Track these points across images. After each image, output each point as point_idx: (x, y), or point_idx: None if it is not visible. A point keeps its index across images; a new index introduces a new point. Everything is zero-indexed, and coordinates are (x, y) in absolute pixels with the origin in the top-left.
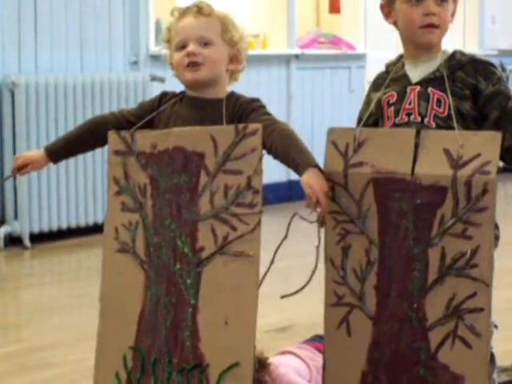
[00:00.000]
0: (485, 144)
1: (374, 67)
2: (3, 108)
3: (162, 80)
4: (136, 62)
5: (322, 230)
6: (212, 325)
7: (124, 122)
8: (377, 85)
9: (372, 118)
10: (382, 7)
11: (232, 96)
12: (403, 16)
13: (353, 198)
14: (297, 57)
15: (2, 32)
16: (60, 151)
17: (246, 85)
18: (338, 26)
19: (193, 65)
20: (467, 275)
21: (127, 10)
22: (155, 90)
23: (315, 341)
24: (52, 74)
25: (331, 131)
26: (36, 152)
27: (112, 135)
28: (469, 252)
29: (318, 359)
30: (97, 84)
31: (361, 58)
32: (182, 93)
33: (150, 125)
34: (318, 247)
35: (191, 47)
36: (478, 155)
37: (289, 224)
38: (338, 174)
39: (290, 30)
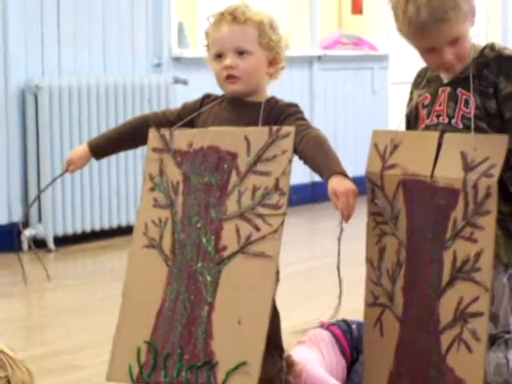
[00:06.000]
0: (493, 147)
1: (397, 68)
2: (27, 111)
3: (184, 82)
4: (159, 65)
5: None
6: (226, 323)
7: (165, 121)
8: (416, 83)
9: (413, 116)
10: None
11: (271, 100)
12: None
13: (387, 199)
14: (319, 58)
15: (25, 35)
16: (103, 149)
17: (268, 86)
18: (360, 27)
19: (231, 77)
20: (472, 279)
21: (150, 13)
22: (178, 93)
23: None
24: (75, 76)
25: (374, 133)
26: (78, 149)
27: (152, 132)
28: (472, 255)
29: (318, 337)
30: (120, 86)
31: (383, 59)
32: (223, 96)
33: (191, 125)
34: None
35: (228, 61)
36: (487, 158)
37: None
38: (376, 175)
39: (313, 31)
